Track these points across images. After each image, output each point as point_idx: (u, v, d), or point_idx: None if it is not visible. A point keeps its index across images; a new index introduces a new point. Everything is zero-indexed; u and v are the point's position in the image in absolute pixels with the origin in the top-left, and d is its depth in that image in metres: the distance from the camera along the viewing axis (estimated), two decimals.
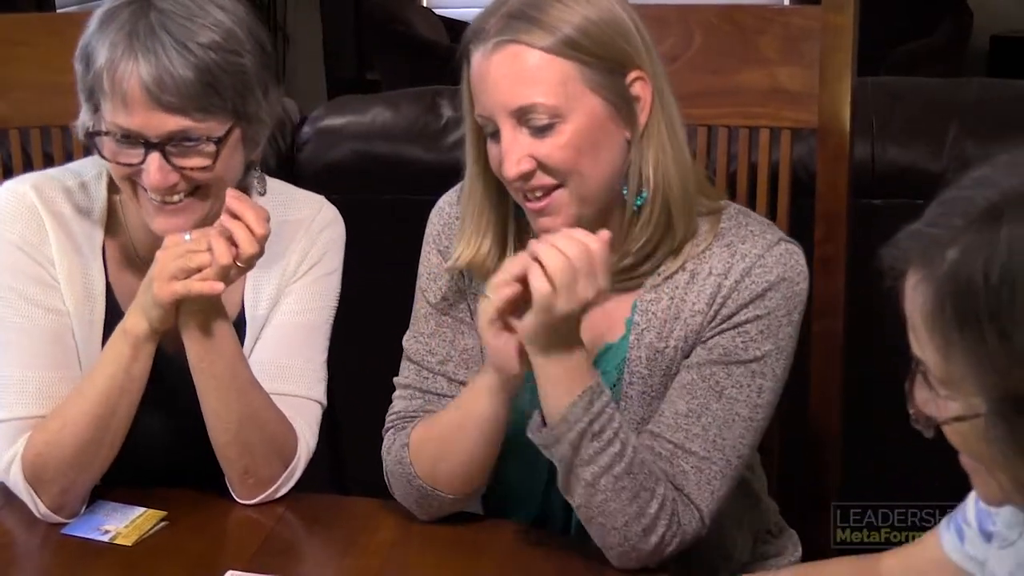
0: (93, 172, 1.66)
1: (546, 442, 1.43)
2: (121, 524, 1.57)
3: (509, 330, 1.41)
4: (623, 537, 1.43)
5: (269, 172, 1.73)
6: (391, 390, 1.63)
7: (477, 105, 1.46)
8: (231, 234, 1.49)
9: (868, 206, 2.06)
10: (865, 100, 2.17)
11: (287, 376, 1.65)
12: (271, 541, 1.56)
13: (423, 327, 1.61)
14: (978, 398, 0.97)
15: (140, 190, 1.55)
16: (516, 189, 1.47)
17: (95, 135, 1.53)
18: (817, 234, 1.79)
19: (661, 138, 1.48)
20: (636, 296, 1.53)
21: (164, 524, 1.57)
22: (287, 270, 1.68)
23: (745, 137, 1.81)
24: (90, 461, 1.56)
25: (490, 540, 1.57)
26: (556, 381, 1.41)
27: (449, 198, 1.63)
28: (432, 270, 1.61)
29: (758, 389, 1.48)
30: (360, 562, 1.53)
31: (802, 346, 1.59)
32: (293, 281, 1.68)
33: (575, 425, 1.41)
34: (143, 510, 1.59)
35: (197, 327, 1.54)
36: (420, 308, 1.62)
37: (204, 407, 1.58)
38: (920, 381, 1.03)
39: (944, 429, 1.02)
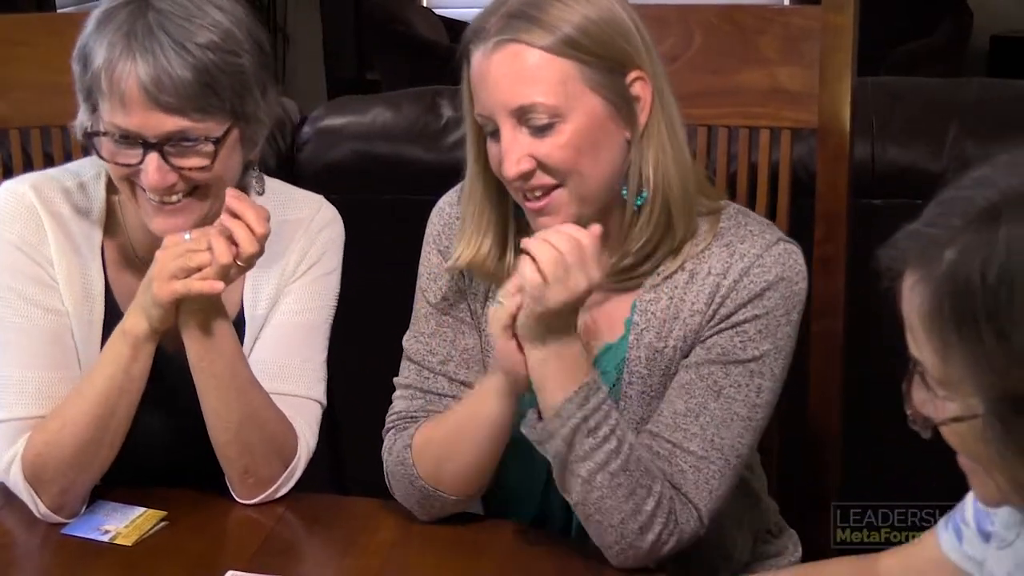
0: (92, 172, 1.66)
1: (540, 437, 1.43)
2: (121, 524, 1.57)
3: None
4: (619, 535, 1.43)
5: (269, 172, 1.73)
6: (391, 390, 1.63)
7: (477, 104, 1.46)
8: (231, 233, 1.49)
9: (868, 206, 2.06)
10: (865, 100, 2.17)
11: (287, 376, 1.65)
12: (271, 541, 1.56)
13: (423, 327, 1.61)
14: (976, 398, 0.96)
15: (139, 190, 1.55)
16: (516, 189, 1.47)
17: (93, 135, 1.53)
18: (817, 234, 1.79)
19: (661, 138, 1.48)
20: (635, 296, 1.53)
21: (164, 524, 1.57)
22: (286, 270, 1.68)
23: (745, 137, 1.81)
24: (90, 461, 1.56)
25: (490, 540, 1.57)
26: (552, 377, 1.42)
27: (449, 198, 1.63)
28: (432, 270, 1.61)
29: (756, 389, 1.48)
30: (360, 562, 1.53)
31: (802, 346, 1.59)
32: (292, 281, 1.68)
33: (568, 421, 1.41)
34: (143, 510, 1.59)
35: (197, 326, 1.54)
36: (420, 308, 1.62)
37: (204, 407, 1.58)
38: (918, 382, 1.03)
39: (942, 430, 1.02)
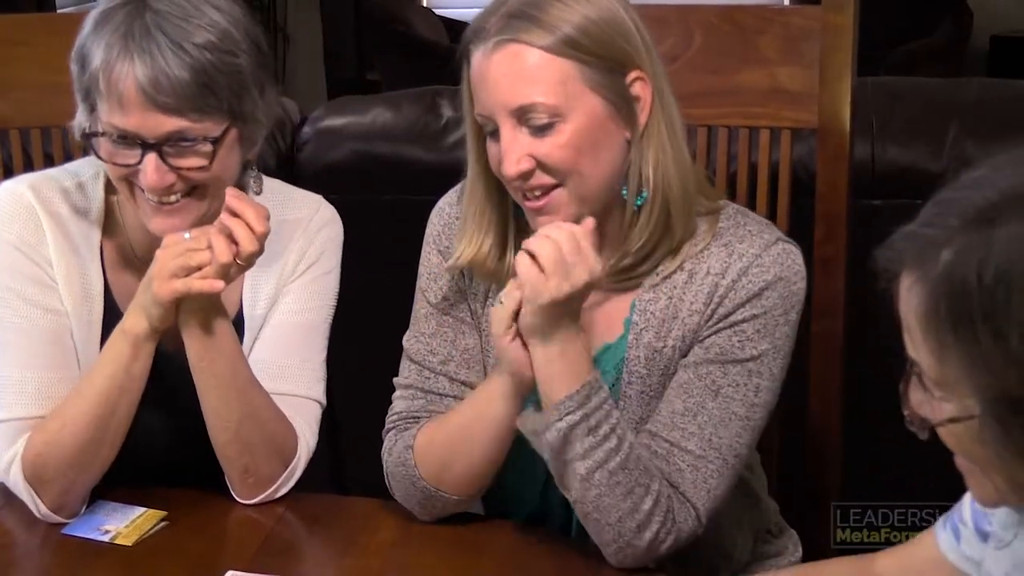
0: (90, 172, 1.66)
1: (535, 427, 1.43)
2: (121, 524, 1.57)
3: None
4: (617, 533, 1.43)
5: (269, 172, 1.73)
6: (391, 390, 1.63)
7: (477, 104, 1.46)
8: (231, 232, 1.49)
9: (868, 206, 2.06)
10: (865, 100, 2.17)
11: (286, 376, 1.65)
12: (271, 541, 1.56)
13: (424, 327, 1.61)
14: (972, 399, 0.96)
15: (137, 190, 1.55)
16: (515, 188, 1.47)
17: (91, 136, 1.53)
18: (817, 234, 1.79)
19: (661, 138, 1.48)
20: (634, 296, 1.53)
21: (164, 524, 1.57)
22: (285, 269, 1.68)
23: (745, 137, 1.81)
24: (90, 461, 1.56)
25: (490, 540, 1.57)
26: (556, 374, 1.42)
27: (449, 199, 1.63)
28: (432, 270, 1.62)
29: (755, 388, 1.48)
30: (360, 562, 1.53)
31: (802, 346, 1.59)
32: (291, 281, 1.68)
33: (566, 416, 1.41)
34: (143, 510, 1.59)
35: (197, 325, 1.54)
36: (420, 308, 1.62)
37: (204, 406, 1.58)
38: (915, 382, 1.03)
39: (939, 431, 1.02)
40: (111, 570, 1.50)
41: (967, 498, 1.24)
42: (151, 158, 1.49)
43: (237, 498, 1.62)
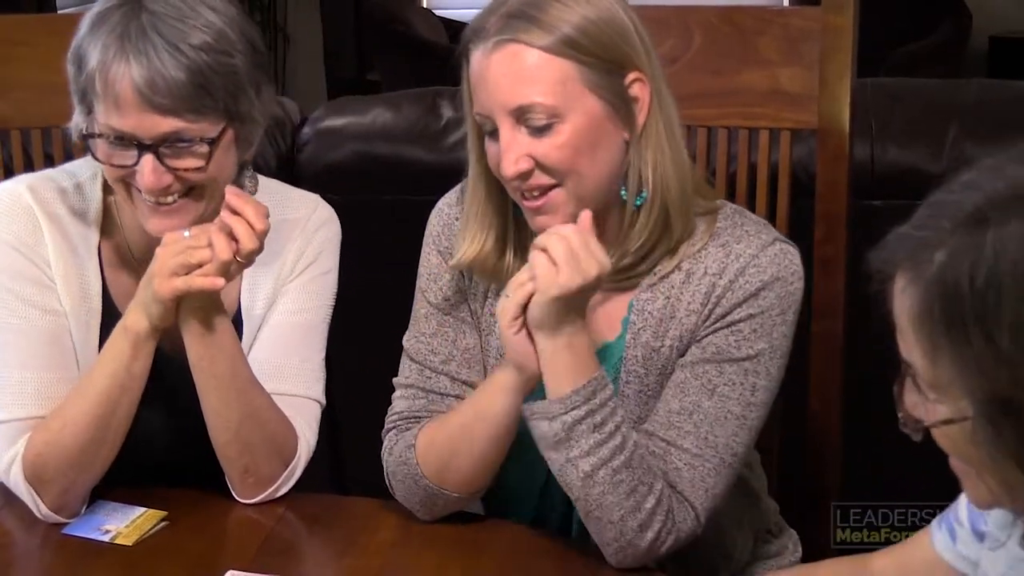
0: (88, 173, 1.66)
1: (538, 413, 1.43)
2: (121, 524, 1.57)
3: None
4: (619, 532, 1.44)
5: (269, 173, 1.73)
6: (391, 390, 1.63)
7: (476, 104, 1.47)
8: (231, 230, 1.49)
9: (868, 207, 2.06)
10: (865, 101, 2.17)
11: (285, 376, 1.65)
12: (271, 541, 1.56)
13: (424, 327, 1.61)
14: (965, 401, 0.97)
15: (134, 191, 1.55)
16: (514, 188, 1.48)
17: (88, 137, 1.53)
18: (817, 235, 1.79)
19: (659, 139, 1.48)
20: (632, 296, 1.53)
21: (164, 524, 1.57)
22: (283, 269, 1.68)
23: (745, 138, 1.81)
24: (91, 461, 1.56)
25: (490, 540, 1.57)
26: (562, 368, 1.42)
27: (449, 199, 1.64)
28: (432, 270, 1.62)
29: (751, 388, 1.48)
30: (360, 562, 1.53)
31: (802, 347, 1.59)
32: (289, 280, 1.68)
33: (571, 411, 1.41)
34: (143, 510, 1.59)
35: (197, 324, 1.54)
36: (420, 308, 1.62)
37: (204, 406, 1.58)
38: (909, 384, 1.03)
39: (933, 432, 1.02)
40: (111, 570, 1.50)
41: (963, 498, 1.24)
42: (148, 159, 1.49)
43: (237, 498, 1.62)
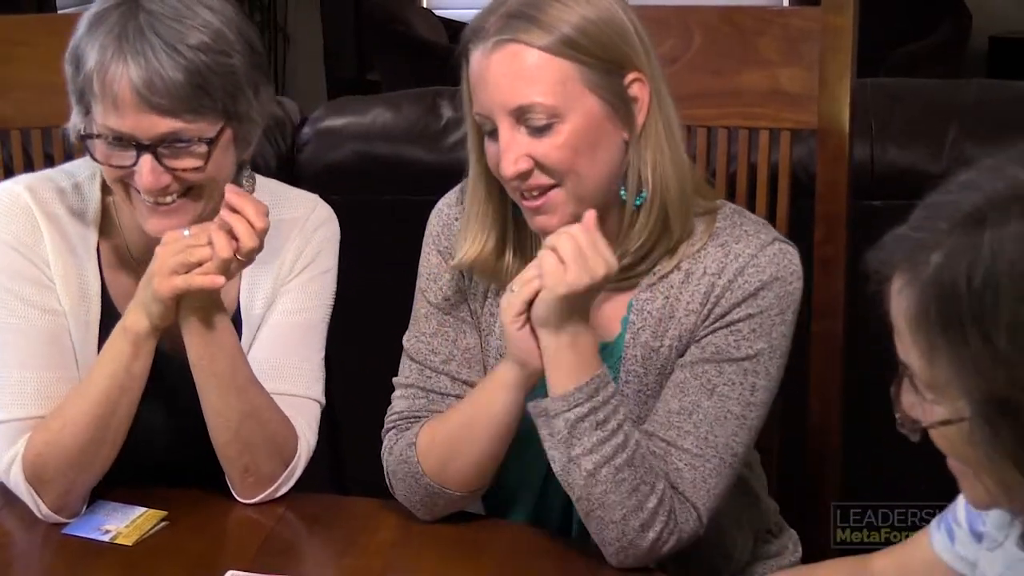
0: (86, 173, 1.66)
1: (546, 410, 1.43)
2: (122, 524, 1.57)
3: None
4: (621, 532, 1.44)
5: (269, 173, 1.73)
6: (391, 390, 1.63)
7: (475, 104, 1.47)
8: (231, 228, 1.49)
9: (868, 207, 2.06)
10: (865, 101, 2.17)
11: (285, 376, 1.65)
12: (271, 541, 1.56)
13: (424, 327, 1.61)
14: (962, 401, 0.97)
15: (133, 191, 1.55)
16: (513, 188, 1.48)
17: (87, 138, 1.53)
18: (817, 235, 1.79)
19: (659, 139, 1.48)
20: (632, 295, 1.53)
21: (164, 524, 1.57)
22: (282, 269, 1.68)
23: (745, 138, 1.81)
24: (91, 461, 1.56)
25: (490, 540, 1.57)
26: (565, 364, 1.43)
27: (448, 199, 1.64)
28: (432, 270, 1.62)
29: (751, 387, 1.49)
30: (360, 562, 1.53)
31: (802, 347, 1.59)
32: (288, 280, 1.68)
33: (574, 408, 1.42)
34: (143, 510, 1.59)
35: (197, 323, 1.54)
36: (420, 308, 1.62)
37: (204, 405, 1.58)
38: (906, 385, 1.03)
39: (931, 433, 1.02)
40: (111, 570, 1.50)
41: (961, 499, 1.24)
42: (146, 159, 1.49)
43: (237, 497, 1.62)
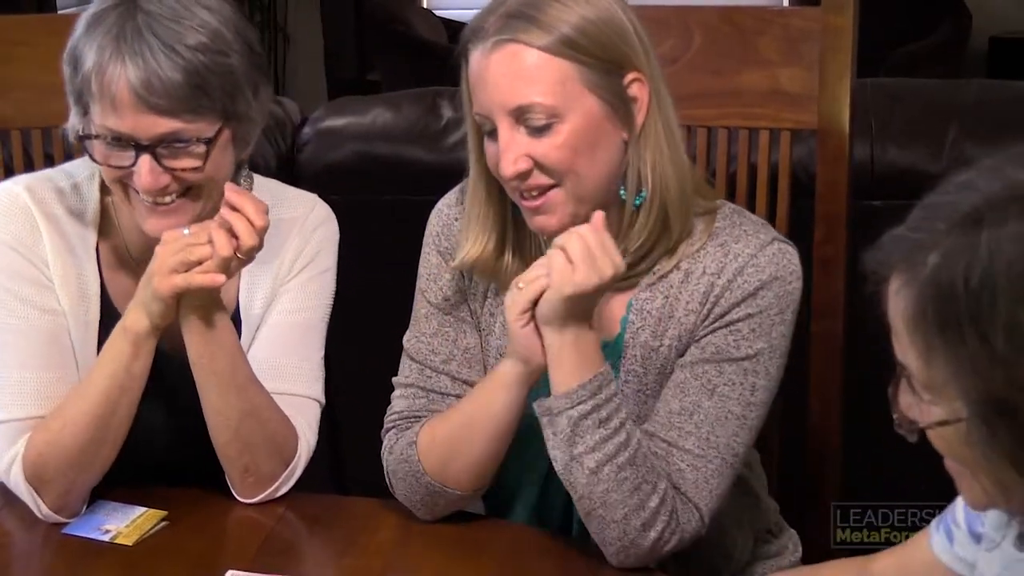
0: (85, 173, 1.66)
1: (549, 408, 1.44)
2: (122, 524, 1.57)
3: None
4: (622, 531, 1.44)
5: (269, 173, 1.73)
6: (391, 390, 1.63)
7: (475, 104, 1.47)
8: (231, 226, 1.49)
9: (868, 207, 2.06)
10: (865, 101, 2.17)
11: (285, 375, 1.65)
12: (271, 541, 1.56)
13: (424, 327, 1.61)
14: (960, 402, 0.97)
15: (132, 192, 1.55)
16: (512, 188, 1.48)
17: (85, 138, 1.53)
18: (817, 235, 1.79)
19: (658, 139, 1.48)
20: (631, 295, 1.53)
21: (165, 524, 1.57)
22: (281, 269, 1.68)
23: (745, 138, 1.81)
24: (91, 461, 1.56)
25: (490, 540, 1.57)
26: (568, 362, 1.43)
27: (448, 200, 1.64)
28: (432, 270, 1.62)
29: (751, 387, 1.49)
30: (360, 562, 1.53)
31: (802, 347, 1.59)
32: (287, 280, 1.68)
33: (577, 405, 1.42)
34: (144, 510, 1.59)
35: (197, 321, 1.54)
36: (420, 308, 1.62)
37: (204, 405, 1.58)
38: (904, 386, 1.03)
39: (928, 434, 1.02)
40: (111, 570, 1.50)
41: (960, 500, 1.24)
42: (145, 160, 1.49)
43: (238, 497, 1.62)
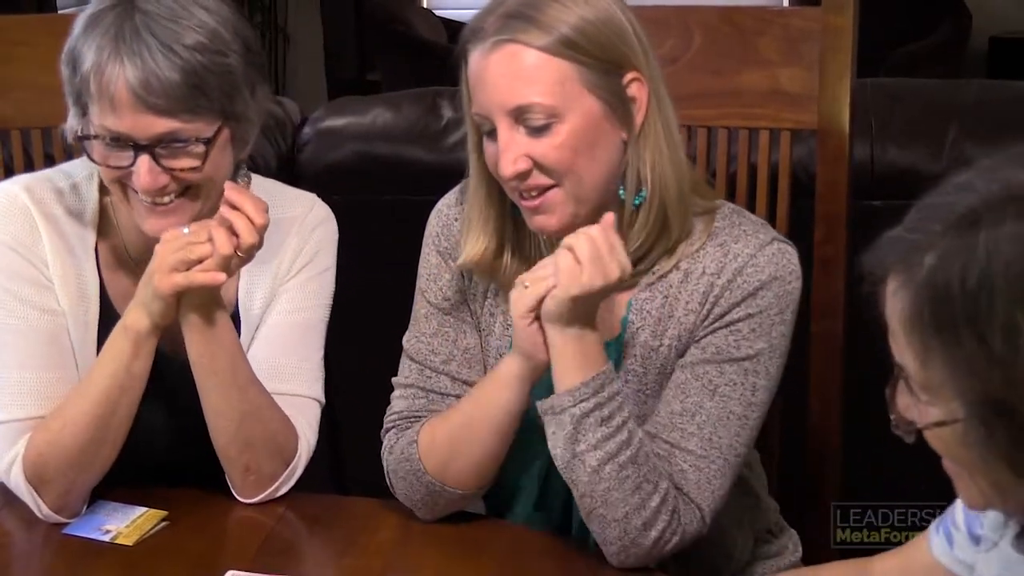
0: (84, 173, 1.66)
1: (552, 407, 1.44)
2: (122, 524, 1.57)
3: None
4: (623, 530, 1.44)
5: (269, 173, 1.73)
6: (391, 390, 1.63)
7: (474, 104, 1.47)
8: (231, 225, 1.49)
9: (868, 207, 2.06)
10: (865, 101, 2.17)
11: (285, 375, 1.65)
12: (271, 541, 1.56)
13: (424, 327, 1.61)
14: (957, 403, 0.97)
15: (131, 192, 1.55)
16: (512, 188, 1.48)
17: (84, 139, 1.53)
18: (817, 235, 1.79)
19: (657, 139, 1.48)
20: (631, 295, 1.53)
21: (165, 524, 1.57)
22: (280, 268, 1.68)
23: (745, 138, 1.81)
24: (91, 461, 1.56)
25: (490, 540, 1.57)
26: (571, 360, 1.43)
27: (448, 200, 1.64)
28: (432, 271, 1.62)
29: (752, 387, 1.49)
30: (360, 562, 1.53)
31: (802, 347, 1.59)
32: (287, 280, 1.68)
33: (580, 403, 1.42)
34: (144, 510, 1.59)
35: (198, 321, 1.54)
36: (420, 308, 1.62)
37: (205, 404, 1.58)
38: (901, 387, 1.03)
39: (926, 434, 1.02)
40: (112, 570, 1.50)
41: (960, 503, 1.24)
42: (144, 160, 1.49)
43: (238, 497, 1.62)
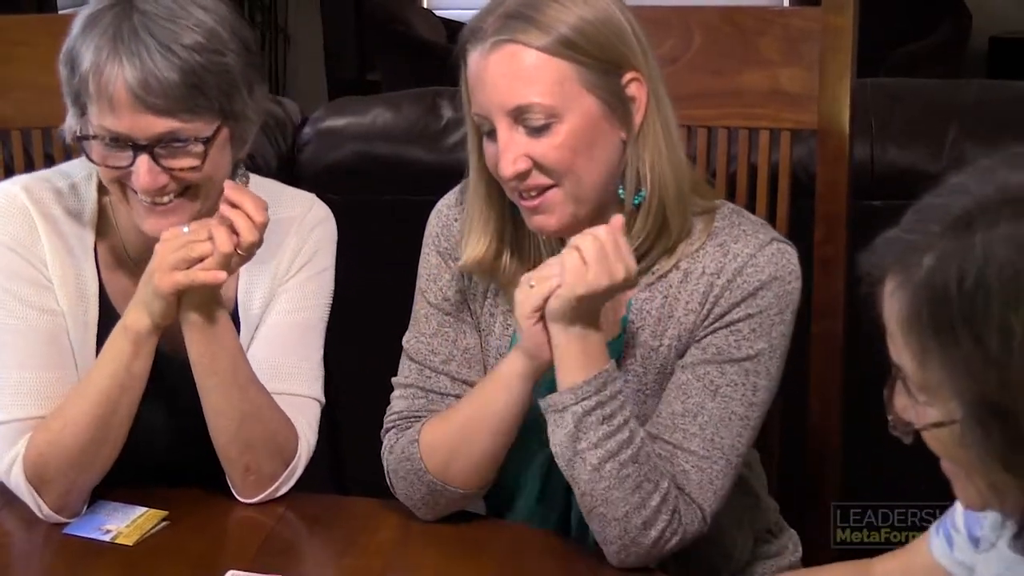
0: (83, 173, 1.66)
1: (554, 404, 1.44)
2: (122, 524, 1.57)
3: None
4: (623, 529, 1.44)
5: (269, 173, 1.73)
6: (391, 390, 1.63)
7: (474, 104, 1.47)
8: (231, 223, 1.49)
9: (868, 207, 2.06)
10: (865, 101, 2.17)
11: (284, 375, 1.65)
12: (272, 541, 1.56)
13: (424, 327, 1.61)
14: (954, 403, 0.97)
15: (130, 192, 1.55)
16: (511, 188, 1.48)
17: (83, 139, 1.53)
18: (817, 235, 1.79)
19: (656, 139, 1.48)
20: (631, 295, 1.53)
21: (165, 524, 1.58)
22: (279, 268, 1.68)
23: (745, 138, 1.81)
24: (92, 460, 1.56)
25: (491, 540, 1.57)
26: (574, 358, 1.43)
27: (448, 200, 1.64)
28: (432, 271, 1.62)
29: (752, 387, 1.49)
30: (360, 562, 1.53)
31: (802, 347, 1.59)
32: (286, 280, 1.68)
33: (581, 401, 1.42)
34: (144, 510, 1.59)
35: (198, 320, 1.54)
36: (420, 309, 1.62)
37: (205, 404, 1.58)
38: (899, 387, 1.03)
39: (923, 435, 1.02)
40: (112, 570, 1.50)
41: (959, 504, 1.24)
42: (143, 160, 1.49)
43: (238, 497, 1.62)
